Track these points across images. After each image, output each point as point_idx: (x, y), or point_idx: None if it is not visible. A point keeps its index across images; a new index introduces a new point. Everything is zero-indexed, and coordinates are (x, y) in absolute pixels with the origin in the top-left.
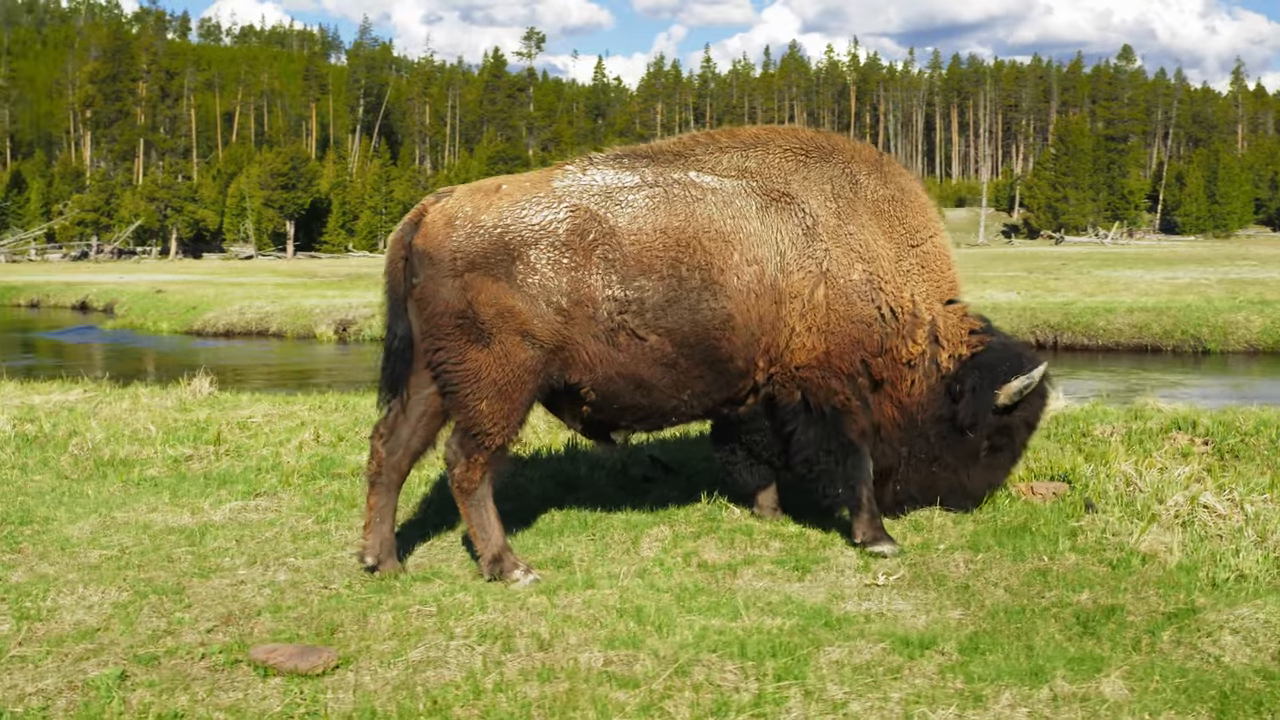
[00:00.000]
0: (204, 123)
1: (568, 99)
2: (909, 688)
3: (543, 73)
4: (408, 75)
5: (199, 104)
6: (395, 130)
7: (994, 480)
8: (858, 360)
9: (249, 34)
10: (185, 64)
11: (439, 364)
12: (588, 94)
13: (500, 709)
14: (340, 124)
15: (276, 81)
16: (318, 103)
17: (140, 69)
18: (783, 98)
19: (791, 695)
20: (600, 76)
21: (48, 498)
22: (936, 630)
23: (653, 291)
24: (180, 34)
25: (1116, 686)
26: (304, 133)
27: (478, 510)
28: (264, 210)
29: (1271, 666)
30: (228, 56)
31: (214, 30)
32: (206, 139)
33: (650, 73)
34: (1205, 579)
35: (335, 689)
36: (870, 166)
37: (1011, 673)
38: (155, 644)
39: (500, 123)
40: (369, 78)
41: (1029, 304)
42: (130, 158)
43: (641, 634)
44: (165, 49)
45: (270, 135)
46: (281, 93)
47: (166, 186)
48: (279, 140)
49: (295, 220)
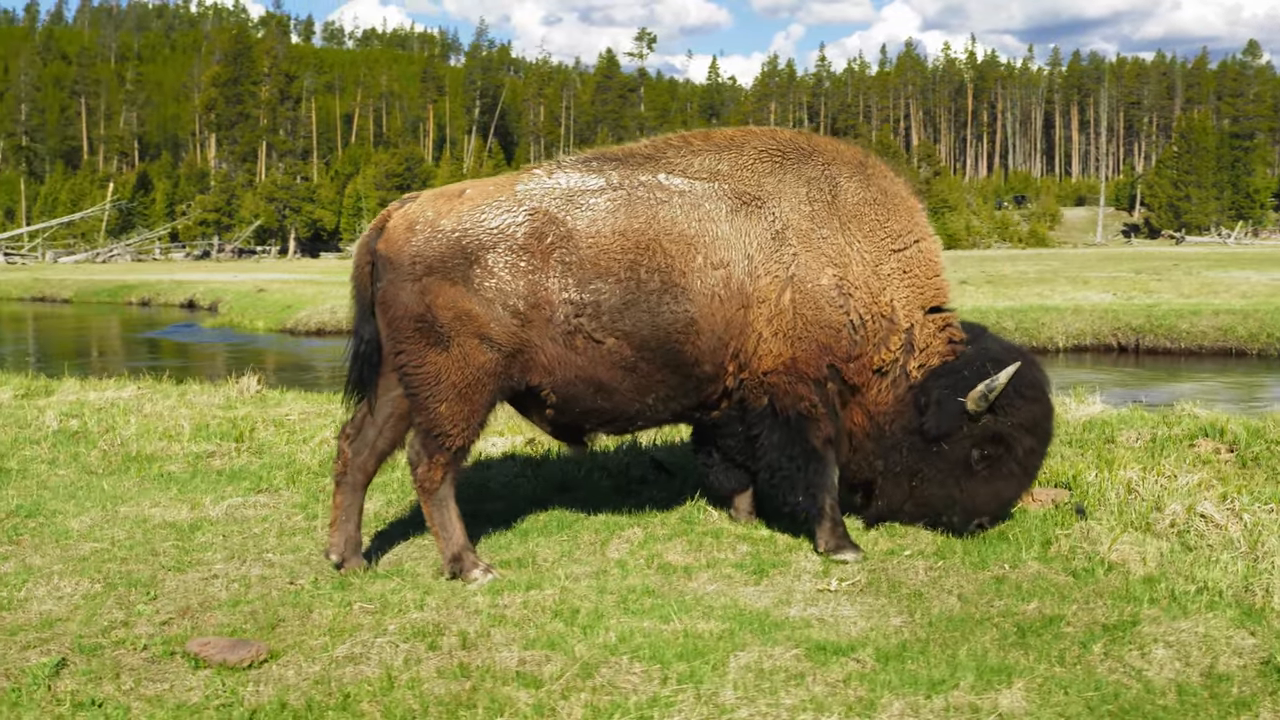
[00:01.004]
0: (324, 124)
1: (681, 99)
2: (804, 694)
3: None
4: (524, 76)
5: (320, 106)
6: (510, 131)
7: (1004, 492)
8: (825, 366)
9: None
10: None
11: (401, 366)
12: (702, 93)
13: (403, 705)
14: (457, 125)
15: (395, 84)
16: (435, 104)
17: (261, 72)
18: (898, 96)
19: (684, 698)
20: (714, 76)
21: (64, 491)
22: (869, 636)
23: (609, 294)
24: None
25: (1016, 698)
26: (421, 134)
27: (439, 509)
28: (379, 210)
29: (1195, 682)
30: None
31: (337, 34)
32: (327, 140)
33: (764, 72)
34: (1165, 591)
35: (258, 682)
36: (852, 169)
37: (917, 681)
38: (106, 634)
39: (612, 123)
40: (485, 79)
41: (1112, 305)
42: (251, 159)
43: (567, 635)
44: (285, 52)
45: (388, 136)
46: (400, 95)
47: (285, 187)
48: (396, 141)
49: None
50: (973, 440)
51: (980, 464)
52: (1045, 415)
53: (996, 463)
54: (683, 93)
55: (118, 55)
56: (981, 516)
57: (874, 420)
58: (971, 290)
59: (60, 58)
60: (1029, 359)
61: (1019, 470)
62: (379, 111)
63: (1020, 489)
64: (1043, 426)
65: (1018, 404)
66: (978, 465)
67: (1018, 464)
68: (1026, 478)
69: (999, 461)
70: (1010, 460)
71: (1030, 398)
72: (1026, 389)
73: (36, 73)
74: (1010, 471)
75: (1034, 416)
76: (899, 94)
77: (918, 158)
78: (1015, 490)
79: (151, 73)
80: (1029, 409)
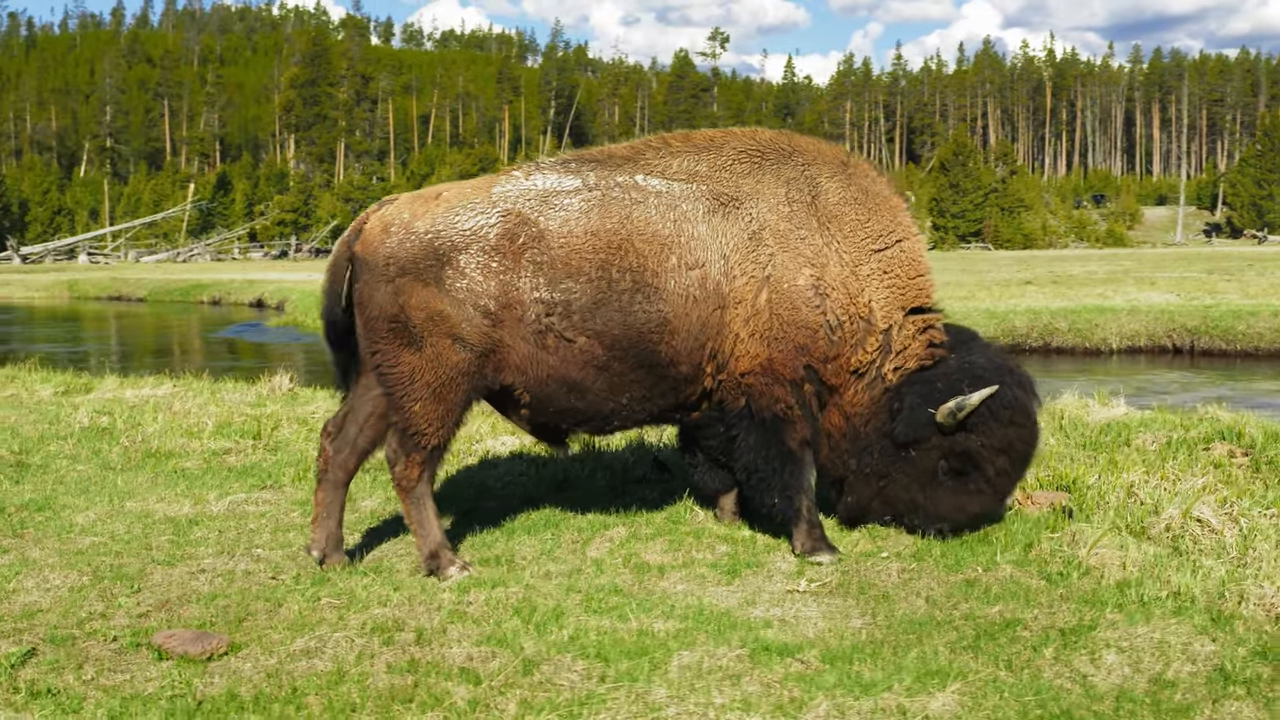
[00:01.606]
0: (402, 125)
1: (756, 98)
2: (737, 693)
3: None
4: (599, 76)
5: (397, 107)
6: (585, 131)
7: (966, 506)
8: (801, 367)
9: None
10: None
11: (377, 366)
12: (777, 93)
13: (345, 698)
14: (532, 125)
15: (472, 84)
16: (510, 105)
17: (338, 74)
18: (975, 95)
19: (617, 696)
20: (790, 75)
21: (77, 486)
22: (823, 637)
23: (580, 294)
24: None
25: (948, 701)
26: (497, 134)
27: (417, 507)
28: None
29: (1140, 688)
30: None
31: (415, 35)
32: (404, 141)
33: (840, 71)
34: (1135, 596)
35: (214, 674)
36: (833, 169)
37: (854, 683)
38: (81, 626)
39: (684, 122)
40: (560, 80)
41: (1169, 306)
42: (328, 160)
43: (521, 632)
44: (362, 54)
45: (464, 137)
46: (476, 95)
47: (361, 188)
48: (472, 142)
49: None
50: (941, 452)
51: (947, 477)
52: (1022, 439)
53: (964, 478)
54: (757, 92)
55: (200, 57)
56: (944, 524)
57: (850, 421)
58: (1033, 291)
59: (145, 60)
60: (1016, 378)
61: (988, 489)
62: (455, 112)
63: (987, 506)
64: (1018, 449)
65: (992, 426)
66: (944, 477)
67: (987, 483)
68: (996, 496)
69: (967, 478)
70: (979, 478)
71: (1007, 421)
72: (1004, 410)
73: (121, 75)
74: (978, 489)
75: (1008, 439)
76: (976, 92)
77: (993, 156)
78: (980, 506)
79: (233, 74)
80: (1004, 432)
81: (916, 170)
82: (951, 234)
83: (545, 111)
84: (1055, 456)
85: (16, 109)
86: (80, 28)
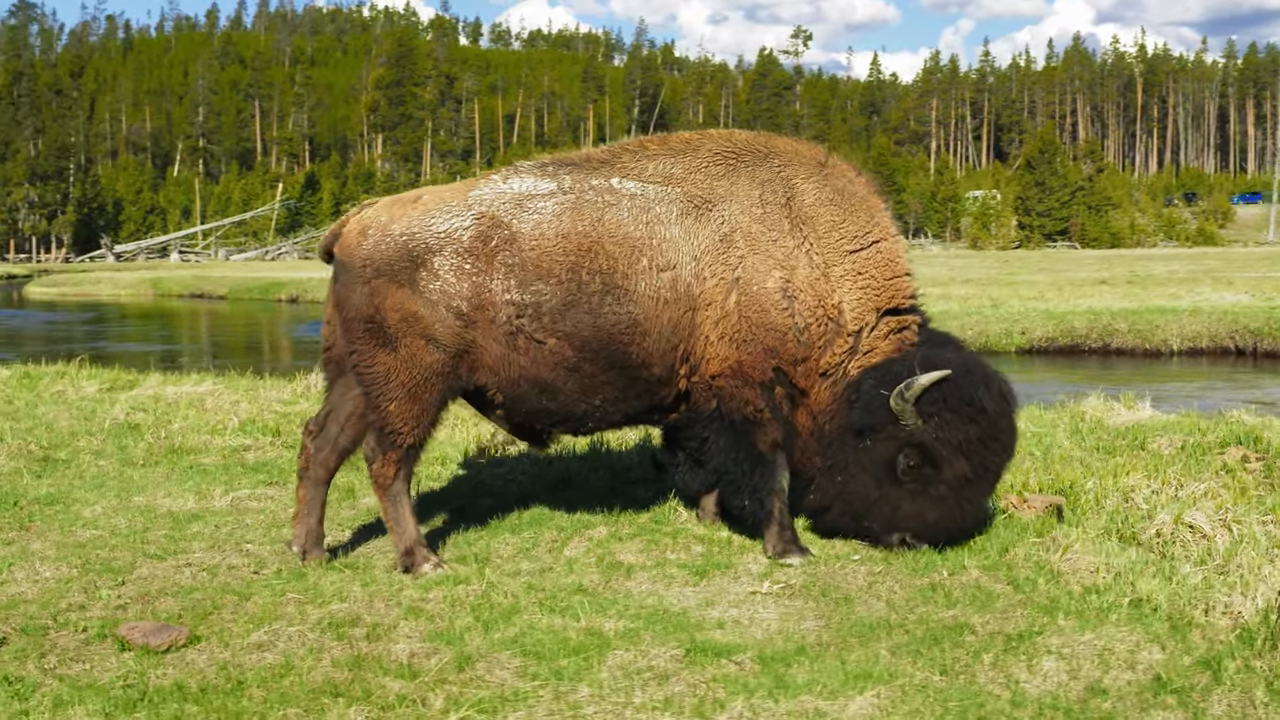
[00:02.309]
0: (487, 125)
1: (841, 96)
2: (660, 693)
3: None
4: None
5: (483, 107)
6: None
7: (924, 512)
8: (770, 370)
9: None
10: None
11: (354, 366)
12: (862, 90)
13: (285, 691)
14: (616, 124)
15: (557, 84)
16: (595, 104)
17: (422, 74)
18: (1064, 91)
19: (542, 694)
20: (875, 72)
21: (93, 481)
22: (770, 639)
23: (550, 295)
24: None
25: (865, 705)
26: (581, 133)
27: (393, 504)
28: None
29: (1071, 695)
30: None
31: (503, 35)
32: (490, 141)
33: (926, 68)
34: (1096, 602)
35: (169, 665)
36: (810, 170)
37: (778, 685)
38: (57, 617)
39: (766, 120)
40: (644, 78)
41: (1235, 307)
42: (414, 159)
43: (471, 629)
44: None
45: (548, 136)
46: (561, 95)
47: None
48: (556, 141)
49: None
50: (896, 443)
51: (905, 475)
52: (982, 439)
53: (922, 479)
54: (843, 90)
55: (291, 58)
56: (902, 531)
57: (816, 420)
58: (1105, 291)
59: (237, 62)
60: (982, 377)
61: (948, 495)
62: (540, 111)
63: (950, 515)
64: (977, 452)
65: (947, 418)
66: (902, 475)
67: (947, 487)
68: (959, 507)
69: (925, 479)
70: (938, 481)
71: (964, 415)
72: (962, 405)
73: (214, 76)
74: (938, 494)
75: (967, 437)
76: (1065, 89)
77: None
78: (940, 515)
79: (322, 75)
80: (960, 426)
81: (1003, 168)
82: (1037, 233)
83: (629, 110)
84: (1062, 460)
85: (113, 110)
86: (175, 30)
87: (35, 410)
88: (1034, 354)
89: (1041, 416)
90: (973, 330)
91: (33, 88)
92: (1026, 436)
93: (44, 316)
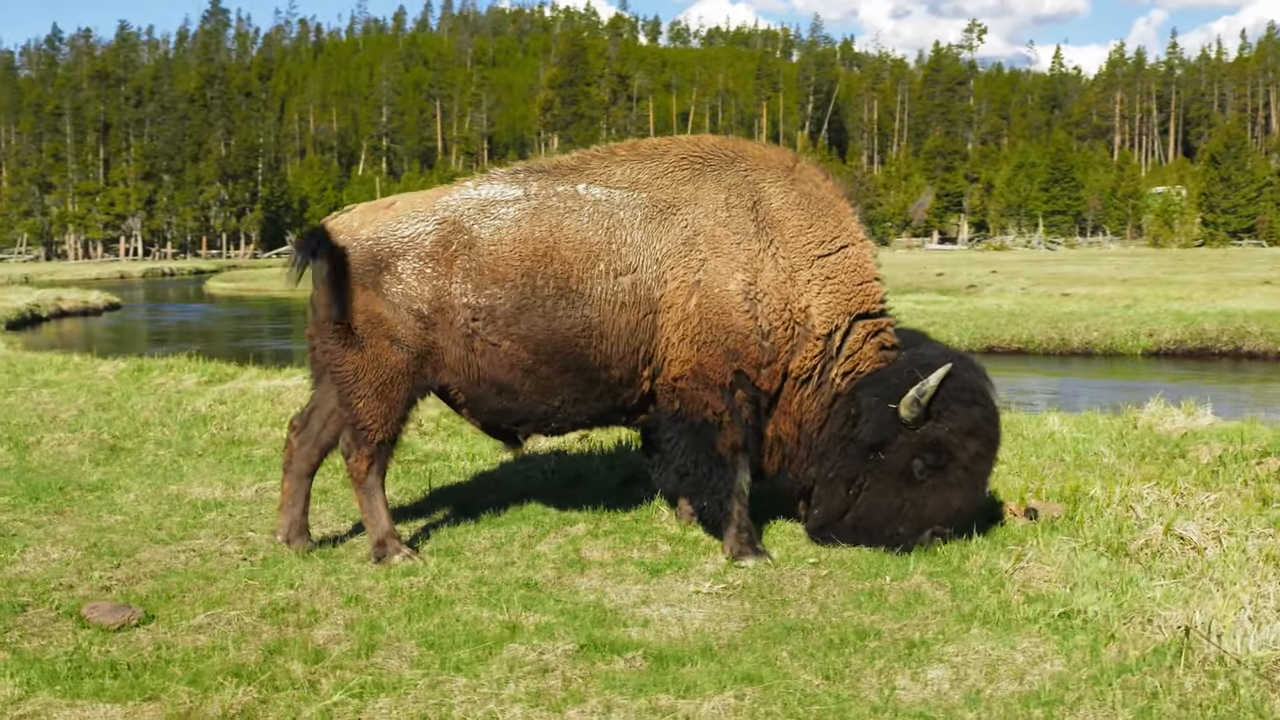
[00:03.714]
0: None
1: (1022, 90)
2: (534, 686)
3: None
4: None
5: (657, 105)
6: (845, 126)
7: (950, 501)
8: (731, 373)
9: (714, 35)
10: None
11: (327, 365)
12: (1044, 84)
13: (199, 670)
14: (791, 121)
15: (732, 81)
16: (768, 101)
17: (595, 74)
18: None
19: (419, 683)
20: (1058, 65)
21: (144, 470)
22: (684, 638)
23: (504, 299)
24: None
25: (719, 704)
26: (755, 130)
27: (368, 497)
28: None
29: (942, 704)
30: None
31: (682, 33)
32: None
33: (1110, 61)
34: (1025, 612)
35: (114, 643)
36: (778, 174)
37: (652, 683)
38: (40, 595)
39: (940, 116)
40: (819, 75)
41: None
42: None
43: (396, 620)
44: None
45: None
46: (735, 92)
47: None
48: None
49: None
50: (912, 449)
51: (924, 473)
52: (986, 418)
53: (941, 471)
54: (1023, 84)
55: (473, 59)
56: (934, 525)
57: (802, 429)
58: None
59: (422, 63)
60: (965, 362)
61: (965, 477)
62: (715, 109)
63: (970, 496)
64: (984, 430)
65: (954, 408)
66: (921, 474)
67: (964, 470)
68: (975, 485)
69: (943, 469)
70: (955, 467)
71: (968, 401)
72: (962, 392)
73: (398, 77)
74: (957, 480)
75: (974, 420)
76: (1258, 81)
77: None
78: (963, 499)
79: (502, 75)
80: (967, 413)
81: (1189, 164)
82: (1221, 230)
83: (803, 107)
84: (1085, 466)
85: (301, 111)
86: (364, 32)
87: (128, 401)
88: (1161, 356)
89: (1092, 421)
90: (1098, 332)
91: (224, 90)
92: (1064, 441)
93: (216, 311)
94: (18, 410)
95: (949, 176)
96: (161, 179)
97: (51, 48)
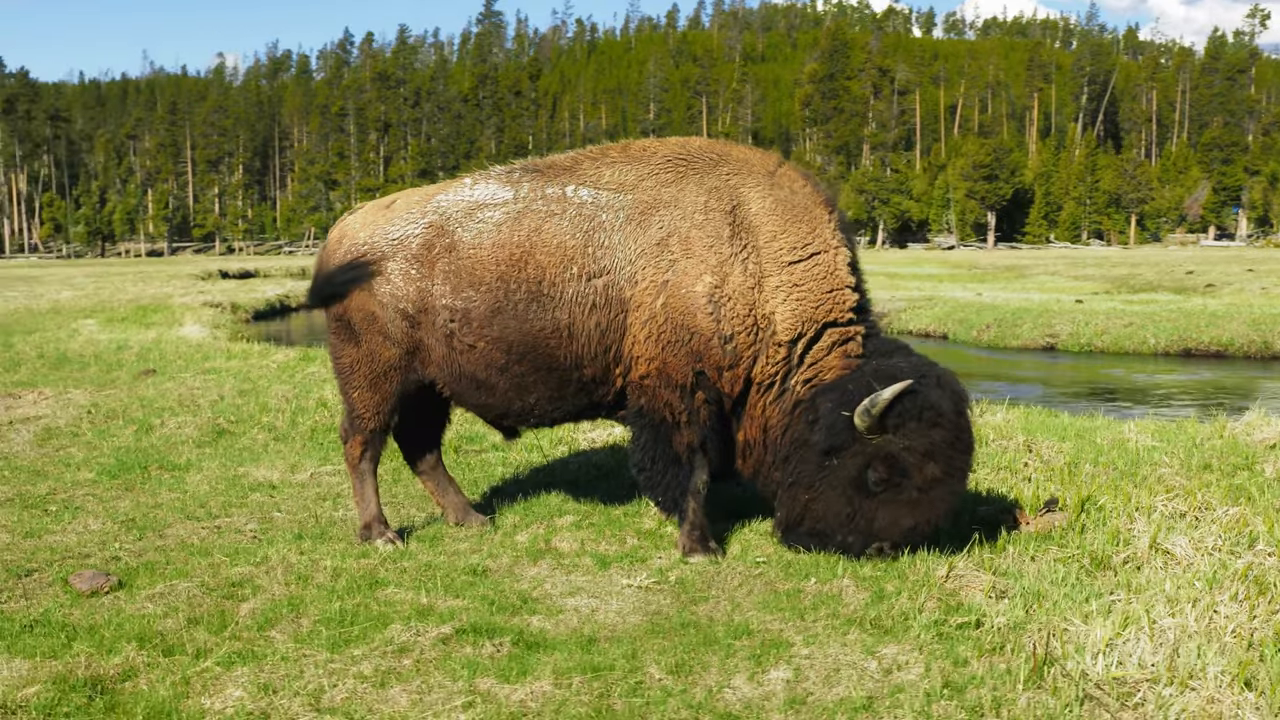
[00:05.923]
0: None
1: None
2: (385, 664)
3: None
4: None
5: (925, 97)
6: (1122, 118)
7: (901, 520)
8: (692, 373)
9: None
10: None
11: (331, 357)
12: None
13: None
14: (1065, 112)
15: (1002, 73)
16: (1040, 92)
17: (854, 68)
18: None
19: (287, 655)
20: None
21: (230, 452)
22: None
23: (479, 302)
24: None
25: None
26: (1026, 122)
27: (360, 481)
28: (965, 201)
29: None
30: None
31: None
32: (932, 132)
33: None
34: (920, 620)
35: (78, 607)
36: (759, 179)
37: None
38: (53, 562)
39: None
40: (1094, 65)
41: None
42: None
43: (318, 598)
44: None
45: (989, 127)
46: (1006, 84)
47: (875, 179)
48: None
49: (996, 211)
50: (865, 458)
51: (878, 485)
52: (948, 442)
53: (894, 487)
54: None
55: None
56: (880, 541)
57: (767, 434)
58: None
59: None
60: (935, 379)
61: (920, 499)
62: (984, 102)
63: (923, 518)
64: (944, 454)
65: (912, 426)
66: (874, 487)
67: (918, 491)
68: (932, 508)
69: (896, 486)
70: (910, 487)
71: (929, 421)
72: (925, 412)
73: (666, 74)
74: (911, 499)
75: (931, 442)
76: None
77: None
78: (916, 519)
79: (770, 71)
80: (926, 434)
81: None
82: None
83: (1076, 99)
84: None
85: (572, 109)
86: (637, 30)
87: (269, 389)
88: None
89: (1175, 430)
90: None
91: (495, 90)
92: (1131, 449)
93: None
94: (168, 395)
95: (1227, 169)
96: (437, 176)
97: (343, 51)
